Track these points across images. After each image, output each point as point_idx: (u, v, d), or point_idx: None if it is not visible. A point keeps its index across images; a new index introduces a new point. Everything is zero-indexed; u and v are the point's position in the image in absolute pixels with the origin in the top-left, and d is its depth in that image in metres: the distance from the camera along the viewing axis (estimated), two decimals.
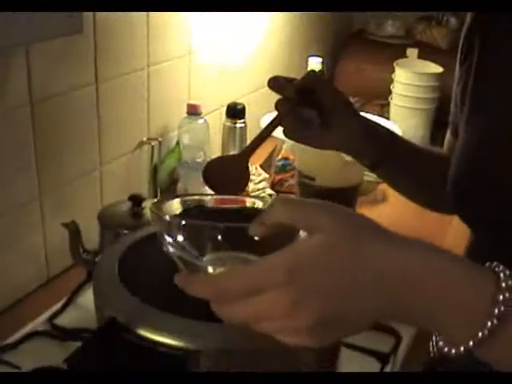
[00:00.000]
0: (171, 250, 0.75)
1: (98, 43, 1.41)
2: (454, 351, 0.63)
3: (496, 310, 0.60)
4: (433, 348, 1.14)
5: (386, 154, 1.12)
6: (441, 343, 0.65)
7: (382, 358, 1.20)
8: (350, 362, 1.11)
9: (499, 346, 0.61)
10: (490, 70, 0.96)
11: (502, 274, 0.62)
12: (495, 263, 0.63)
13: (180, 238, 0.75)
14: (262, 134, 1.00)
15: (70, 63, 1.35)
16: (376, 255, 0.63)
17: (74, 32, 1.07)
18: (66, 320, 1.28)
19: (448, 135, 1.17)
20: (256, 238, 0.71)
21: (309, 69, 2.22)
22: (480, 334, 0.60)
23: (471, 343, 0.61)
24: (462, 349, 0.62)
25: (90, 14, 1.36)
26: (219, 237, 0.75)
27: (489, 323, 0.60)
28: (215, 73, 1.95)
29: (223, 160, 1.02)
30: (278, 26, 2.30)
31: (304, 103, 1.01)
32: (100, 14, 1.38)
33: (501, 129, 0.92)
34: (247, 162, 0.98)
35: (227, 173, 0.97)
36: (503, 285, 0.61)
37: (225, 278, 0.65)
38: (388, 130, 1.15)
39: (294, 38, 2.47)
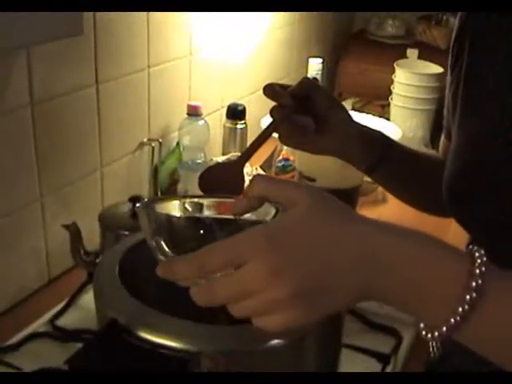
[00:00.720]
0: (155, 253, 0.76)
1: (98, 44, 1.41)
2: (436, 333, 0.63)
3: (473, 283, 0.61)
4: (433, 348, 1.15)
5: (381, 159, 1.13)
6: (424, 332, 0.65)
7: (383, 359, 1.21)
8: (350, 363, 1.10)
9: (481, 321, 0.62)
10: (479, 73, 0.96)
11: (476, 253, 0.63)
12: (470, 246, 0.64)
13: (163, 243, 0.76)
14: (256, 141, 1.01)
15: (71, 64, 1.35)
16: (356, 233, 0.64)
17: (75, 34, 1.08)
18: (67, 321, 1.28)
19: (442, 138, 1.18)
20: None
21: (310, 69, 2.23)
22: (460, 309, 0.61)
23: (452, 320, 0.61)
24: (444, 329, 0.62)
25: (91, 14, 1.36)
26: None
27: (467, 296, 0.61)
28: (216, 73, 1.95)
29: (218, 168, 1.03)
30: (278, 26, 2.30)
31: (299, 110, 1.02)
32: (100, 15, 1.38)
33: (492, 131, 0.92)
34: (242, 169, 0.99)
35: (223, 181, 0.97)
36: (478, 260, 0.62)
37: (205, 249, 0.65)
38: (383, 134, 1.15)
39: (294, 38, 2.47)
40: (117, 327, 0.77)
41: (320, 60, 2.28)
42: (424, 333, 0.65)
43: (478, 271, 0.61)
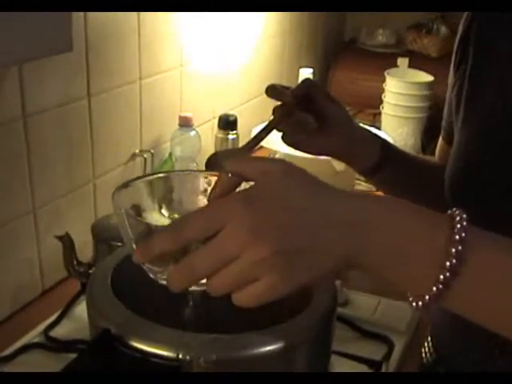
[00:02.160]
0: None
1: (90, 57, 1.42)
2: (427, 297, 0.63)
3: (457, 237, 0.61)
4: (425, 354, 1.16)
5: (380, 161, 1.13)
6: (414, 304, 0.64)
7: (375, 366, 1.21)
8: (342, 370, 1.11)
9: (470, 275, 0.62)
10: (484, 72, 0.98)
11: (458, 217, 0.63)
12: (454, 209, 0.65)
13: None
14: (260, 134, 1.02)
15: (63, 77, 1.36)
16: (336, 198, 0.65)
17: (64, 51, 1.09)
18: (61, 332, 1.29)
19: (440, 140, 1.19)
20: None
21: (300, 79, 2.24)
22: (448, 263, 0.61)
23: (441, 277, 0.61)
24: (434, 289, 0.62)
25: (82, 28, 1.37)
26: None
27: (453, 249, 0.61)
28: (207, 84, 1.96)
29: (224, 155, 1.04)
30: (268, 37, 2.31)
31: (301, 108, 1.03)
32: (91, 28, 1.39)
33: (495, 129, 0.94)
34: None
35: None
36: (458, 218, 0.63)
37: (181, 217, 0.66)
38: (382, 138, 1.16)
39: (285, 48, 2.49)
40: (110, 337, 0.78)
41: (310, 70, 2.30)
42: (415, 304, 0.64)
43: (459, 225, 0.62)
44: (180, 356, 0.74)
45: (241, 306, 0.64)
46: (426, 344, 1.16)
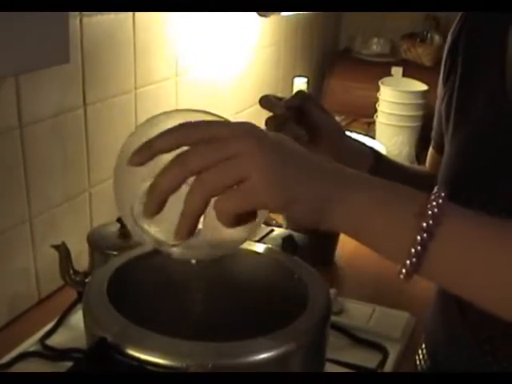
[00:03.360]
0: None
1: (85, 67, 1.42)
2: (408, 262, 0.65)
3: (434, 203, 0.65)
4: (420, 361, 1.16)
5: (371, 172, 1.14)
6: (401, 276, 0.66)
7: None
8: None
9: (442, 247, 0.64)
10: (472, 83, 0.99)
11: (435, 194, 0.67)
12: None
13: None
14: None
15: (59, 86, 1.37)
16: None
17: (61, 62, 1.10)
18: (58, 340, 1.29)
19: (430, 150, 1.20)
20: None
21: (295, 89, 2.25)
22: (425, 224, 0.64)
23: (419, 238, 0.64)
24: (413, 251, 0.64)
25: (78, 37, 1.38)
26: None
27: (429, 212, 0.64)
28: (202, 94, 1.96)
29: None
30: (263, 46, 2.32)
31: (293, 120, 1.04)
32: (87, 38, 1.40)
33: (491, 133, 0.94)
34: None
35: None
36: (435, 189, 0.67)
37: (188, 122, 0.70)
38: (373, 149, 1.17)
39: (280, 58, 2.49)
40: (106, 345, 0.78)
41: (305, 79, 2.30)
42: (402, 276, 0.66)
43: (435, 194, 0.66)
44: (176, 364, 0.75)
45: (222, 212, 0.66)
46: (420, 351, 1.16)
